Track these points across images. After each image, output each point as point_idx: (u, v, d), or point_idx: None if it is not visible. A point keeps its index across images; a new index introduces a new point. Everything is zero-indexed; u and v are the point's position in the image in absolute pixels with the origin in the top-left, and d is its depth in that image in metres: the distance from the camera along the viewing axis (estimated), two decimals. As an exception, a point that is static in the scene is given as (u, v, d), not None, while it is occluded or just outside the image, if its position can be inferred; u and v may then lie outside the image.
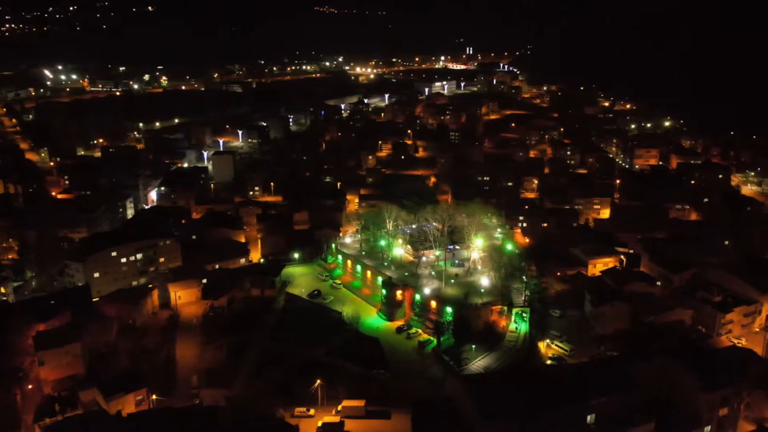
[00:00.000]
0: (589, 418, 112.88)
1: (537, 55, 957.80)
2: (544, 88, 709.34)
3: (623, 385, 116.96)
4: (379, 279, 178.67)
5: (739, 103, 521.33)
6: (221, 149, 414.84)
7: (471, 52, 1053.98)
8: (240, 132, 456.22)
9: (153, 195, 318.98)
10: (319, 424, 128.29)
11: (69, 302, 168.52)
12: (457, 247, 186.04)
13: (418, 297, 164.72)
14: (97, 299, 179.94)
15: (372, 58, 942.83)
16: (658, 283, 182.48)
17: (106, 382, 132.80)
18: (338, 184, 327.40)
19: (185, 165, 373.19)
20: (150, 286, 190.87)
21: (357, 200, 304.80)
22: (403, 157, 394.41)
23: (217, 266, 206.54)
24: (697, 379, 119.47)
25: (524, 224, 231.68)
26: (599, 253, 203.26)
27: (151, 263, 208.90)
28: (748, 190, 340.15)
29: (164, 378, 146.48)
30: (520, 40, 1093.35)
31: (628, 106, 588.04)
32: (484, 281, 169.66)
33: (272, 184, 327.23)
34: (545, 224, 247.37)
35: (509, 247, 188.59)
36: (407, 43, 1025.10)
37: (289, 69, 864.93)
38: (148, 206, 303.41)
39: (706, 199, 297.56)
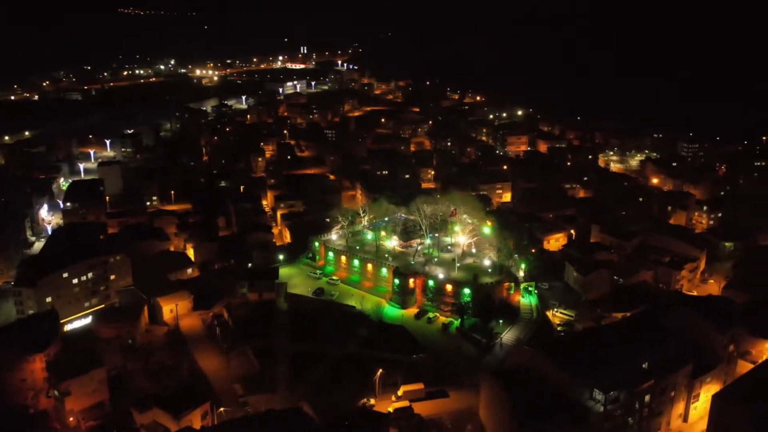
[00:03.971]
0: (644, 365, 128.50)
1: (373, 53, 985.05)
2: (392, 84, 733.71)
3: (664, 335, 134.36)
4: (383, 270, 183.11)
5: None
6: (92, 160, 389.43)
7: (305, 50, 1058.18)
8: (108, 141, 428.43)
9: (43, 213, 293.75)
10: (391, 409, 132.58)
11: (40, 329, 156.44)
12: (436, 234, 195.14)
13: (431, 283, 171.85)
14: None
15: (203, 60, 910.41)
16: (612, 250, 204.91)
17: (168, 400, 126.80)
18: (242, 187, 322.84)
19: (62, 180, 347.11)
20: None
21: (265, 202, 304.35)
22: (289, 157, 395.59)
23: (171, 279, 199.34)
24: (713, 323, 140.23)
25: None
26: (552, 230, 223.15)
27: (102, 282, 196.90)
28: (615, 167, 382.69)
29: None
30: (347, 38, 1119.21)
31: (477, 98, 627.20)
32: (486, 262, 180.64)
33: (172, 192, 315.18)
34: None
35: (486, 230, 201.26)
36: (230, 43, 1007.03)
37: (124, 74, 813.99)
38: (50, 225, 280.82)
39: (585, 178, 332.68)
